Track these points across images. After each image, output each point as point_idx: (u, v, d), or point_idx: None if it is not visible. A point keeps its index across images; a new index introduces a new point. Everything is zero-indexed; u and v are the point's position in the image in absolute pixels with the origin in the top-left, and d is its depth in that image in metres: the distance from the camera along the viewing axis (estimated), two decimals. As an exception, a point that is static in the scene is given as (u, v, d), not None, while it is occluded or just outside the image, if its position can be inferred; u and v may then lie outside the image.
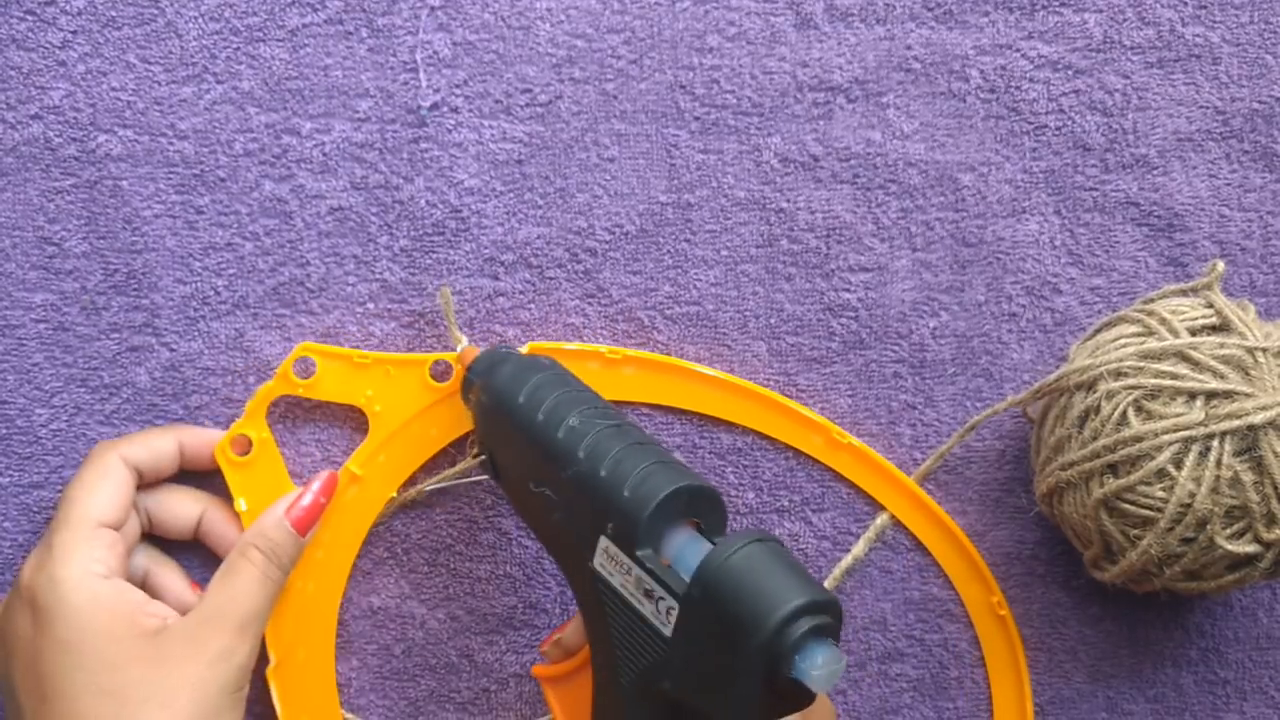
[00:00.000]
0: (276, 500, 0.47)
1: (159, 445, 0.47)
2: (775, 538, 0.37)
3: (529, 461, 0.43)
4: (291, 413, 0.51)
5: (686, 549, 0.38)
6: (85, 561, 0.42)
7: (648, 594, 0.37)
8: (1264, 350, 0.44)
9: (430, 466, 0.51)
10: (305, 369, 0.50)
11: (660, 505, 0.38)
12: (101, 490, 0.45)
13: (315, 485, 0.48)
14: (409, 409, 0.50)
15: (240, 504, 0.49)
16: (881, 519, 0.51)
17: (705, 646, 0.36)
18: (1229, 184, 0.52)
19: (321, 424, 0.51)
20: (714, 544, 0.37)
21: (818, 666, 0.33)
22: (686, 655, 0.36)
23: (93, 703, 0.40)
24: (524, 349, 0.50)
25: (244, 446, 0.49)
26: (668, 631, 0.37)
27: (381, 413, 0.50)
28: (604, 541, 0.39)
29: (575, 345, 0.51)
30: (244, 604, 0.44)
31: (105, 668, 0.41)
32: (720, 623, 0.35)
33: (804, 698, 0.35)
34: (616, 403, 0.51)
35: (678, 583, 0.37)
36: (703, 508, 0.39)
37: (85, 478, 0.45)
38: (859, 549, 0.51)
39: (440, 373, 0.50)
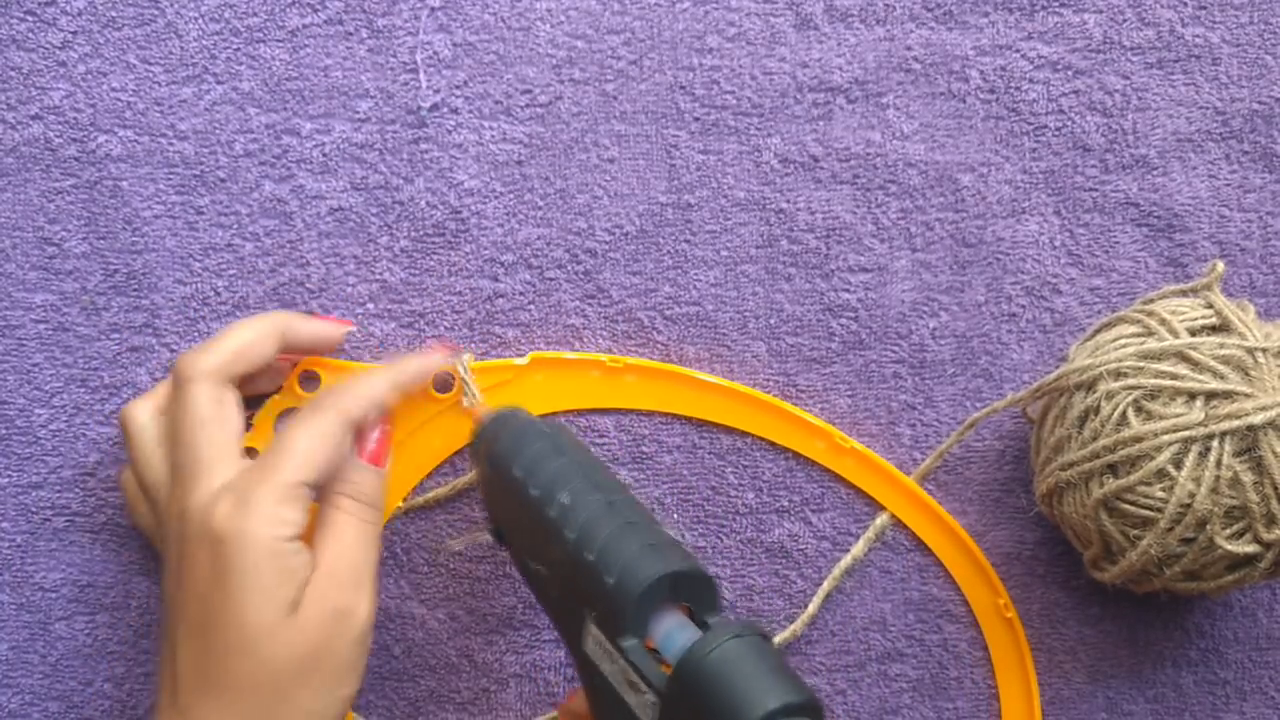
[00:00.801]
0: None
1: (381, 398, 0.45)
2: (761, 630, 0.36)
3: (526, 536, 0.42)
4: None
5: (672, 635, 0.37)
6: (282, 526, 0.41)
7: (632, 685, 0.37)
8: (1264, 350, 0.44)
9: (434, 476, 0.51)
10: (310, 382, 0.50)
11: (644, 595, 0.37)
12: (319, 454, 0.42)
13: (378, 425, 0.46)
14: (413, 420, 0.50)
15: None
16: (882, 519, 0.51)
17: None
18: (1229, 184, 0.52)
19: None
20: (702, 629, 0.37)
21: None
22: None
23: (243, 662, 0.41)
24: (525, 360, 0.50)
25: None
26: None
27: None
28: (591, 628, 0.38)
29: (576, 355, 0.51)
30: (352, 557, 0.44)
31: (266, 631, 0.41)
32: None
33: None
34: (618, 410, 0.51)
35: (658, 677, 0.36)
36: (692, 590, 0.38)
37: (308, 432, 0.43)
38: (859, 549, 0.51)
39: (442, 384, 0.50)
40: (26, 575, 0.51)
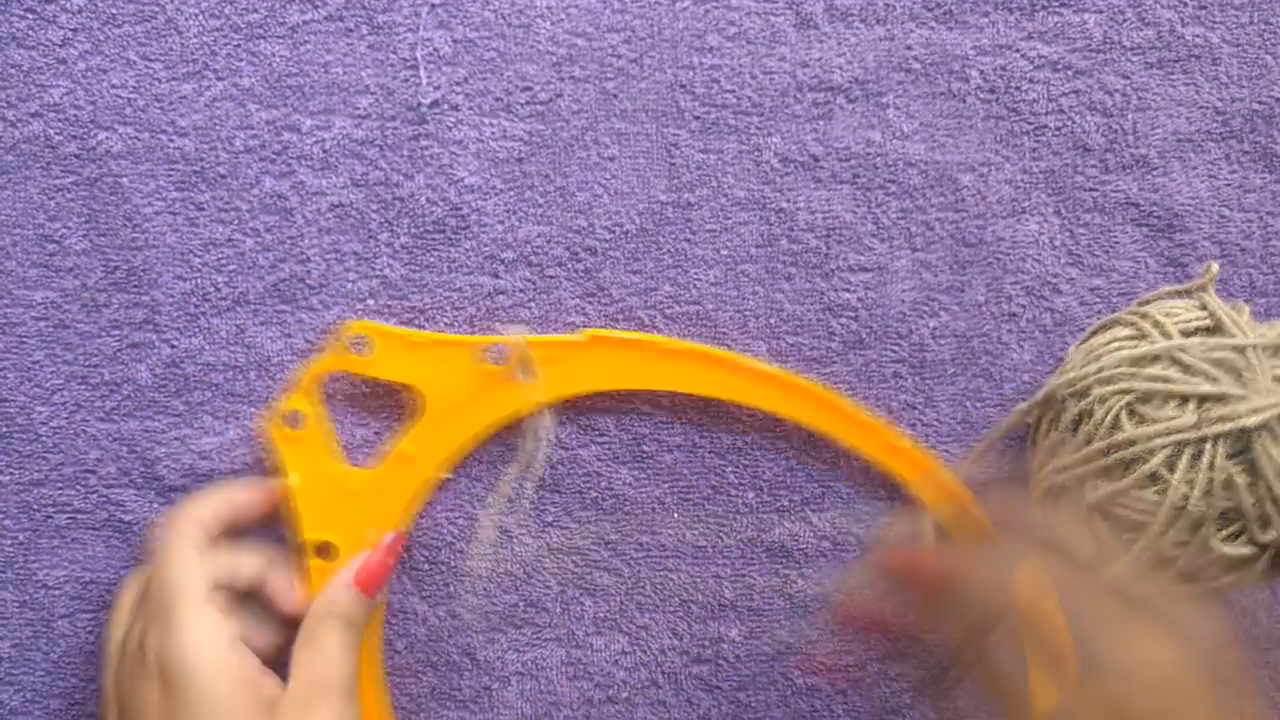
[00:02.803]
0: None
1: (217, 503, 0.48)
2: None
3: None
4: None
5: None
6: (211, 633, 0.43)
7: None
8: (1255, 349, 0.44)
9: (481, 448, 0.51)
10: (360, 346, 0.50)
11: None
12: (194, 559, 0.45)
13: (382, 545, 0.49)
14: (461, 390, 0.50)
15: (293, 478, 0.49)
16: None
17: None
18: (1229, 184, 0.52)
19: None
20: None
21: None
22: None
23: None
24: (582, 336, 0.50)
25: (296, 420, 0.50)
26: None
27: (435, 393, 0.50)
28: None
29: (633, 334, 0.51)
30: (336, 670, 0.45)
31: None
32: None
33: None
34: (669, 393, 0.51)
35: None
36: None
37: (172, 553, 0.45)
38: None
39: (494, 356, 0.50)
40: (29, 573, 0.51)
